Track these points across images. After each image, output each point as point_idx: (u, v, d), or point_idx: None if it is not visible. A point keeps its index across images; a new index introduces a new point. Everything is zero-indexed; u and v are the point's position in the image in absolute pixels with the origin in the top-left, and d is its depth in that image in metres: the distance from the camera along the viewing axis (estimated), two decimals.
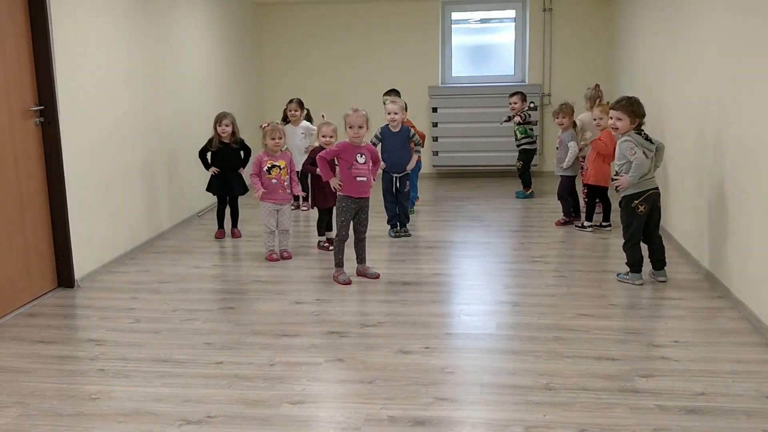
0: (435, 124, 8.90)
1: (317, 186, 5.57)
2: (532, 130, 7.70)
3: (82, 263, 4.91)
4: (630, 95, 4.70)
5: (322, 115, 5.88)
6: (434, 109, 8.88)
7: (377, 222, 6.54)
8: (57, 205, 4.71)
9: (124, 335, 3.98)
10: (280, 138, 5.48)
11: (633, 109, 4.51)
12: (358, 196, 4.78)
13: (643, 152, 4.49)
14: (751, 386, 3.18)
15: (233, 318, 4.23)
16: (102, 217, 5.20)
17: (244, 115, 7.61)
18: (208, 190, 6.14)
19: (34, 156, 4.57)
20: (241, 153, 6.11)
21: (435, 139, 8.93)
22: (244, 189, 6.19)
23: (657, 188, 4.59)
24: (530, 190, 7.67)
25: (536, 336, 3.82)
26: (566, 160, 6.33)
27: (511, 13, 9.13)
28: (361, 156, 4.77)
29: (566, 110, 6.42)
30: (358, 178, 4.75)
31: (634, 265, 4.63)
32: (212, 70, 7.50)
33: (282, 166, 5.43)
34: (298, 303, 4.45)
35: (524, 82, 8.99)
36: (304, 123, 7.14)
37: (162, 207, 6.24)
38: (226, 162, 6.03)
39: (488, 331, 3.96)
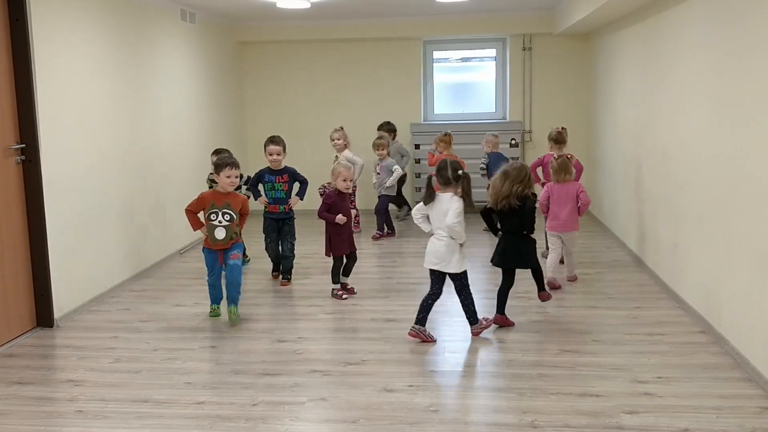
0: (417, 161, 8.97)
1: (333, 232, 5.32)
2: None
3: (61, 302, 4.85)
4: None
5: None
6: (416, 146, 8.95)
7: (363, 259, 6.53)
8: (37, 243, 4.67)
9: (104, 375, 3.92)
10: None
11: None
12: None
13: None
14: (735, 421, 3.18)
15: (215, 357, 4.18)
16: (82, 255, 5.16)
17: None
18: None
19: (14, 194, 4.54)
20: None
21: (417, 175, 8.99)
22: None
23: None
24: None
25: (520, 373, 3.81)
26: (389, 180, 7.44)
27: (492, 53, 9.27)
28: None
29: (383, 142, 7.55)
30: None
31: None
32: (195, 109, 7.52)
33: None
34: (281, 341, 4.42)
35: (505, 119, 9.09)
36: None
37: (143, 245, 6.19)
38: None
39: (472, 368, 3.94)
